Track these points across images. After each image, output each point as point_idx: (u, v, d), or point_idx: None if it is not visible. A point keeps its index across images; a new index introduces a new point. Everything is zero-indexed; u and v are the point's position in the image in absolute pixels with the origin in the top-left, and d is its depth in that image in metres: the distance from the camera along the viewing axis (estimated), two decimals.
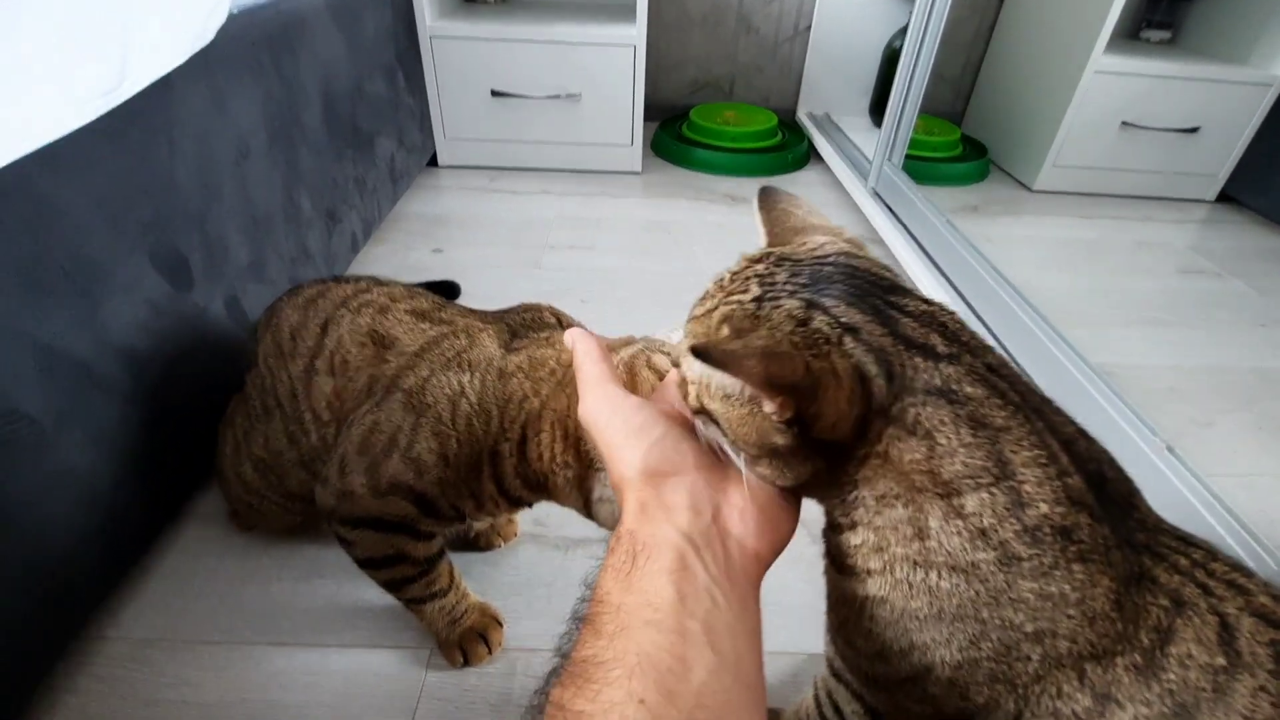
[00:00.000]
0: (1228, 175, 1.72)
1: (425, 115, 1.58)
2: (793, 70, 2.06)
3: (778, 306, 0.31)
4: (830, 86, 2.03)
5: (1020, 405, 0.30)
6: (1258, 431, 0.98)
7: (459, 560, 0.71)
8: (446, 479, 0.50)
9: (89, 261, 0.58)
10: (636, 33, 1.52)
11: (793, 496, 0.35)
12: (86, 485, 0.59)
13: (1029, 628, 0.29)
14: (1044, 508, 0.28)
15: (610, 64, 1.57)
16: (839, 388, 0.28)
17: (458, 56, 1.54)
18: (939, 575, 0.30)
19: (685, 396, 0.35)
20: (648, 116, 1.71)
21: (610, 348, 0.50)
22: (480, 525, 0.73)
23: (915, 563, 0.30)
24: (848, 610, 0.35)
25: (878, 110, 1.87)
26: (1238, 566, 0.31)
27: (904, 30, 1.45)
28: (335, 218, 1.10)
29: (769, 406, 0.29)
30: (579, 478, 0.48)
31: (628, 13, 1.55)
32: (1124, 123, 1.66)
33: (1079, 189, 1.76)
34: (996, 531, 0.28)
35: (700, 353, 0.28)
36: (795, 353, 0.29)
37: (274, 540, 0.73)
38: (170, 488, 0.74)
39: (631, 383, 0.47)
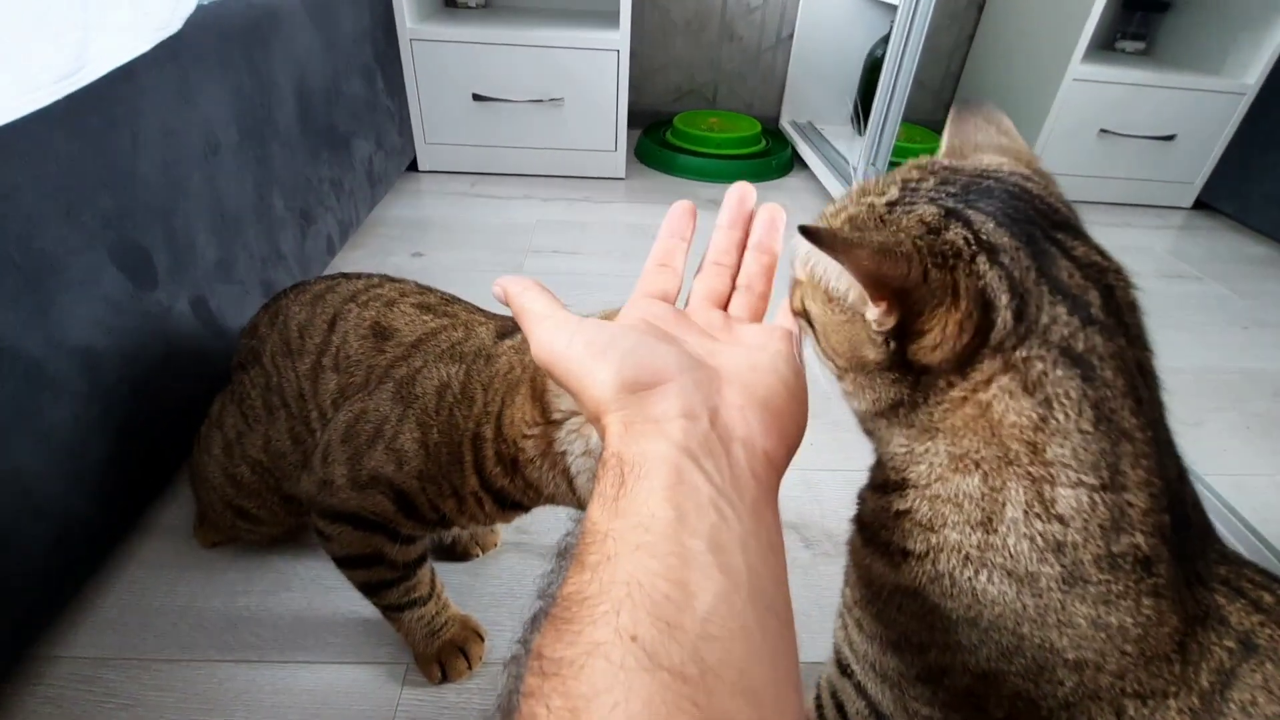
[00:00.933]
0: (1204, 182, 1.75)
1: (405, 118, 1.55)
2: (776, 78, 2.06)
3: (911, 211, 0.27)
4: (813, 94, 2.03)
5: (1152, 421, 0.26)
6: (1246, 431, 0.98)
7: (440, 570, 0.68)
8: (426, 471, 0.48)
9: (41, 254, 0.55)
10: (620, 38, 1.51)
11: (801, 391, 0.30)
12: (36, 493, 0.55)
13: (1070, 654, 0.26)
14: (1139, 538, 0.25)
15: (594, 69, 1.56)
16: (955, 307, 0.25)
17: (438, 60, 1.52)
18: (989, 578, 0.26)
19: (791, 300, 0.32)
20: (631, 123, 1.70)
21: None
22: (462, 533, 0.69)
23: (967, 557, 0.27)
24: (868, 590, 0.32)
25: (860, 118, 1.88)
26: None
27: (885, 39, 1.46)
28: (310, 219, 1.07)
29: (872, 312, 0.26)
30: (545, 441, 0.45)
31: (611, 18, 1.54)
32: (1102, 130, 1.68)
33: None
34: (1077, 550, 0.25)
35: (809, 233, 0.25)
36: (915, 255, 0.25)
37: (241, 552, 0.70)
38: (130, 496, 0.70)
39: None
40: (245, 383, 0.59)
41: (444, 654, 0.59)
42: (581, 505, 0.47)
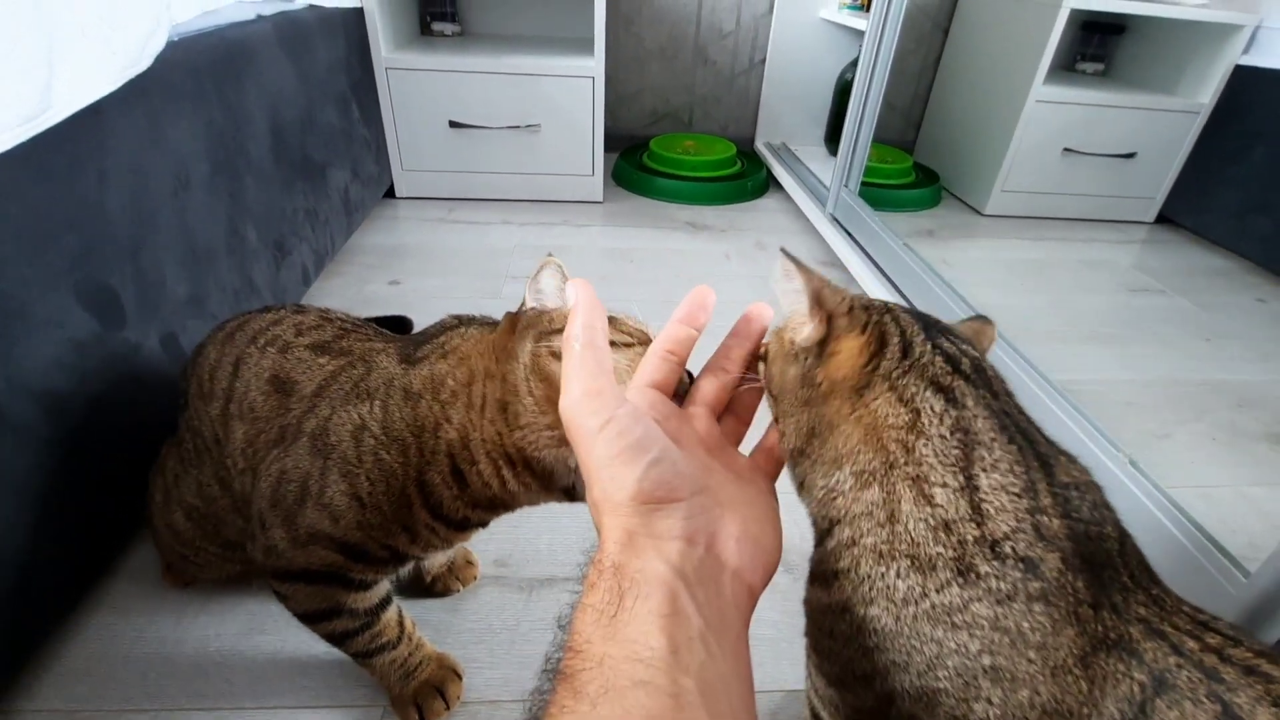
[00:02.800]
0: (1164, 197, 1.80)
1: (381, 146, 1.56)
2: (750, 101, 2.10)
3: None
4: (786, 116, 2.07)
5: (1018, 441, 0.30)
6: (1211, 442, 1.00)
7: (415, 607, 0.67)
8: (367, 521, 0.46)
9: (3, 296, 0.54)
10: (595, 64, 1.53)
11: (780, 529, 0.33)
12: None
13: (986, 660, 0.27)
14: (1004, 528, 0.28)
15: (569, 95, 1.57)
16: (859, 334, 0.33)
17: (414, 88, 1.52)
18: (898, 573, 0.29)
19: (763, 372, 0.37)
20: (608, 147, 1.72)
21: (501, 349, 0.45)
22: (437, 569, 0.69)
23: (880, 554, 0.30)
24: (814, 627, 0.34)
25: (833, 139, 1.92)
26: (1264, 651, 0.28)
27: (855, 63, 1.49)
28: (284, 249, 1.06)
29: (808, 328, 0.34)
30: (544, 486, 0.45)
31: (586, 45, 1.56)
32: (1065, 149, 1.73)
33: (1027, 212, 1.82)
34: (959, 527, 0.28)
35: (789, 254, 0.35)
36: (846, 298, 0.35)
37: (211, 594, 0.68)
38: (97, 541, 0.68)
39: (550, 387, 0.42)
40: (181, 425, 0.58)
41: (421, 695, 0.58)
42: (570, 500, 0.46)
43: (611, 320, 0.44)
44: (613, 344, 0.42)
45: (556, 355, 0.42)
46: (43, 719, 0.58)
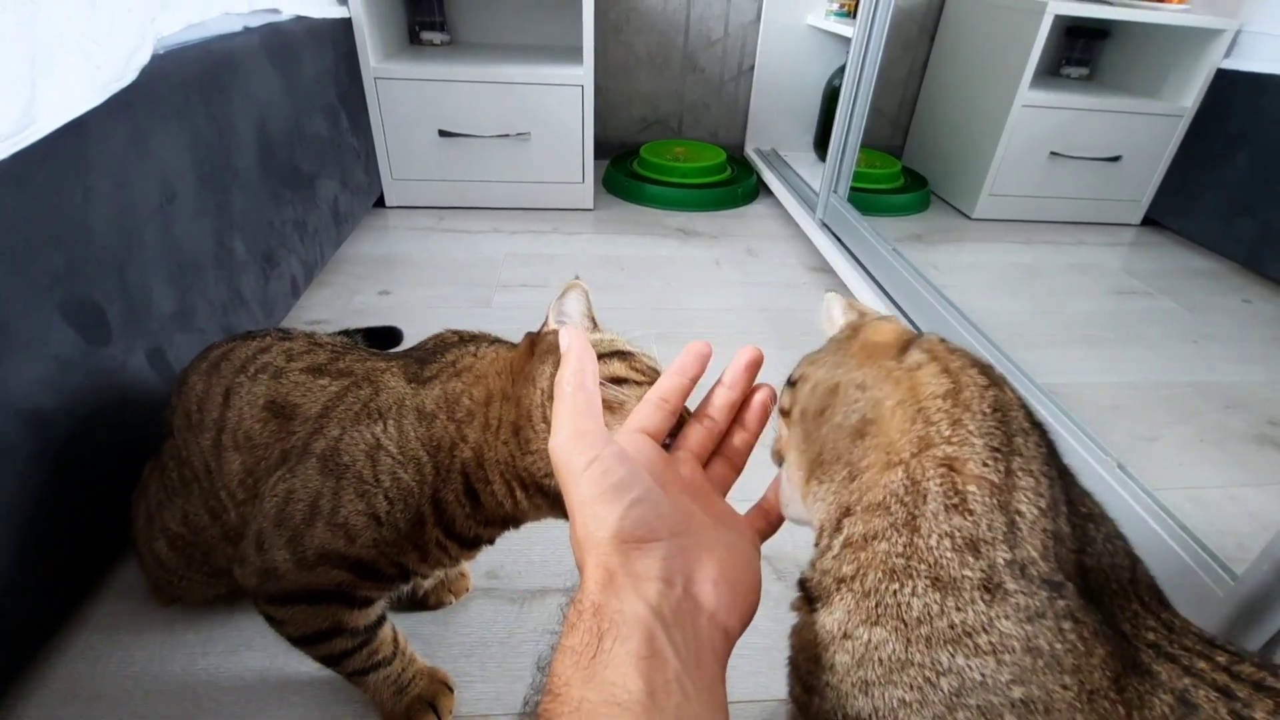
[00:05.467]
0: (1150, 200, 1.82)
1: (371, 156, 1.55)
2: (739, 108, 2.11)
3: None
4: (775, 123, 2.08)
5: (1050, 465, 0.29)
6: (1200, 443, 1.01)
7: (406, 620, 0.67)
8: (383, 538, 0.46)
9: None
10: (584, 73, 1.54)
11: (759, 577, 0.32)
12: None
13: (1017, 691, 0.25)
14: (1032, 551, 0.26)
15: (559, 103, 1.58)
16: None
17: (403, 97, 1.52)
18: (913, 592, 0.27)
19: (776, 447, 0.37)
20: (598, 154, 1.72)
21: (519, 372, 0.46)
22: (429, 583, 0.68)
23: (893, 570, 0.27)
24: (804, 658, 0.32)
25: (821, 145, 1.93)
26: (1267, 666, 0.28)
27: (842, 69, 1.50)
28: (273, 261, 1.06)
29: (841, 321, 0.36)
30: (552, 506, 0.45)
31: (575, 54, 1.56)
32: (1052, 153, 1.75)
33: (1015, 216, 1.83)
34: (989, 549, 0.26)
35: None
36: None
37: (199, 612, 0.67)
38: (83, 559, 0.67)
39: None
40: (165, 452, 0.57)
41: (413, 710, 0.57)
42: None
43: (627, 355, 0.45)
44: (625, 380, 0.43)
45: None
46: None
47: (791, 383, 0.37)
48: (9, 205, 0.56)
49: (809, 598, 0.33)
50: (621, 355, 0.45)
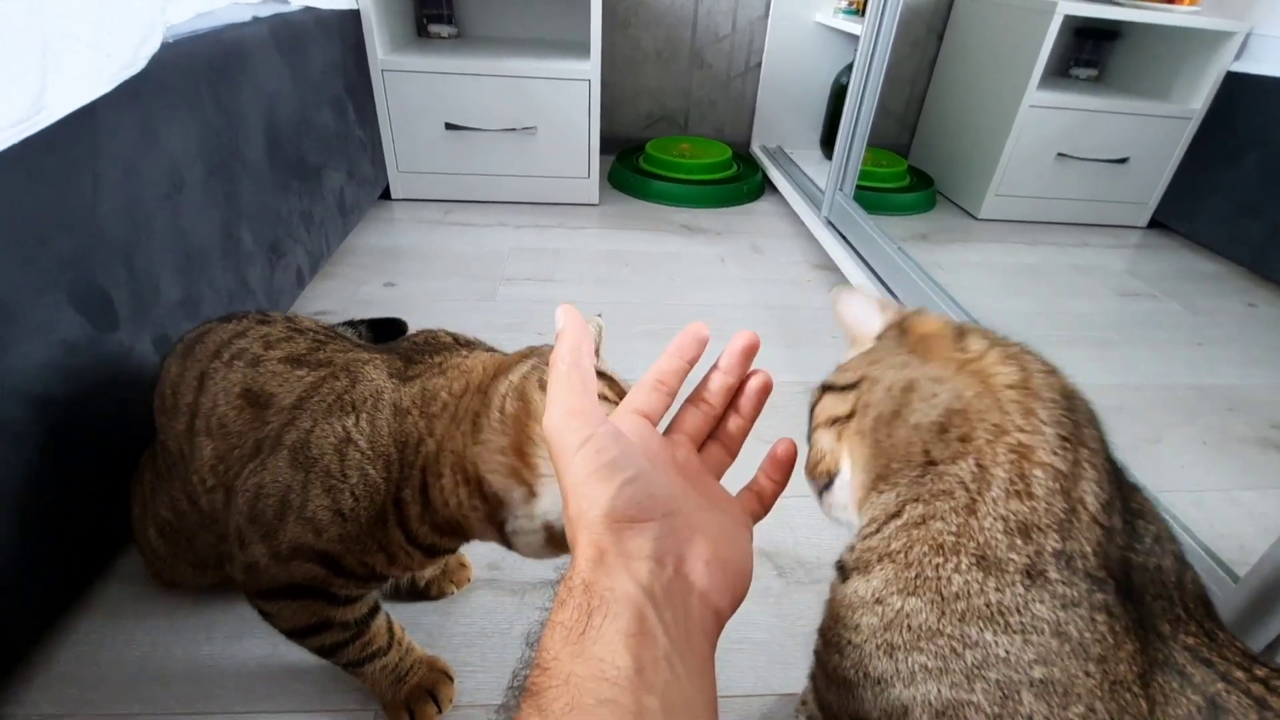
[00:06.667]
0: (1157, 202, 1.81)
1: (377, 148, 1.56)
2: (745, 104, 2.11)
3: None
4: (782, 120, 2.08)
5: (1108, 460, 0.30)
6: (1203, 446, 1.01)
7: (407, 610, 0.67)
8: (348, 534, 0.45)
9: None
10: (591, 68, 1.54)
11: (751, 559, 0.32)
12: None
13: (1037, 672, 0.26)
14: (1085, 545, 0.27)
15: (565, 98, 1.58)
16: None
17: (410, 90, 1.52)
18: (956, 567, 0.27)
19: (821, 462, 0.37)
20: (604, 149, 1.72)
21: (502, 367, 0.46)
22: (431, 572, 0.68)
23: (941, 545, 0.28)
24: (834, 623, 0.32)
25: (828, 143, 1.93)
26: None
27: (850, 67, 1.50)
28: (279, 251, 1.06)
29: (876, 323, 0.35)
30: (490, 516, 0.44)
31: (582, 48, 1.56)
32: (1059, 154, 1.74)
33: (1021, 217, 1.83)
34: (1040, 536, 0.27)
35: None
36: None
37: (202, 598, 0.68)
38: (87, 544, 0.68)
39: (524, 409, 0.42)
40: (155, 438, 0.57)
41: (412, 699, 0.58)
42: (507, 547, 0.45)
43: (607, 378, 0.44)
44: (605, 399, 0.42)
45: (544, 385, 0.42)
46: None
47: (836, 388, 0.37)
48: (19, 191, 0.56)
49: (845, 574, 0.33)
50: (602, 377, 0.45)
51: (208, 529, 0.54)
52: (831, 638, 0.33)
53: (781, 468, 0.37)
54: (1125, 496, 0.29)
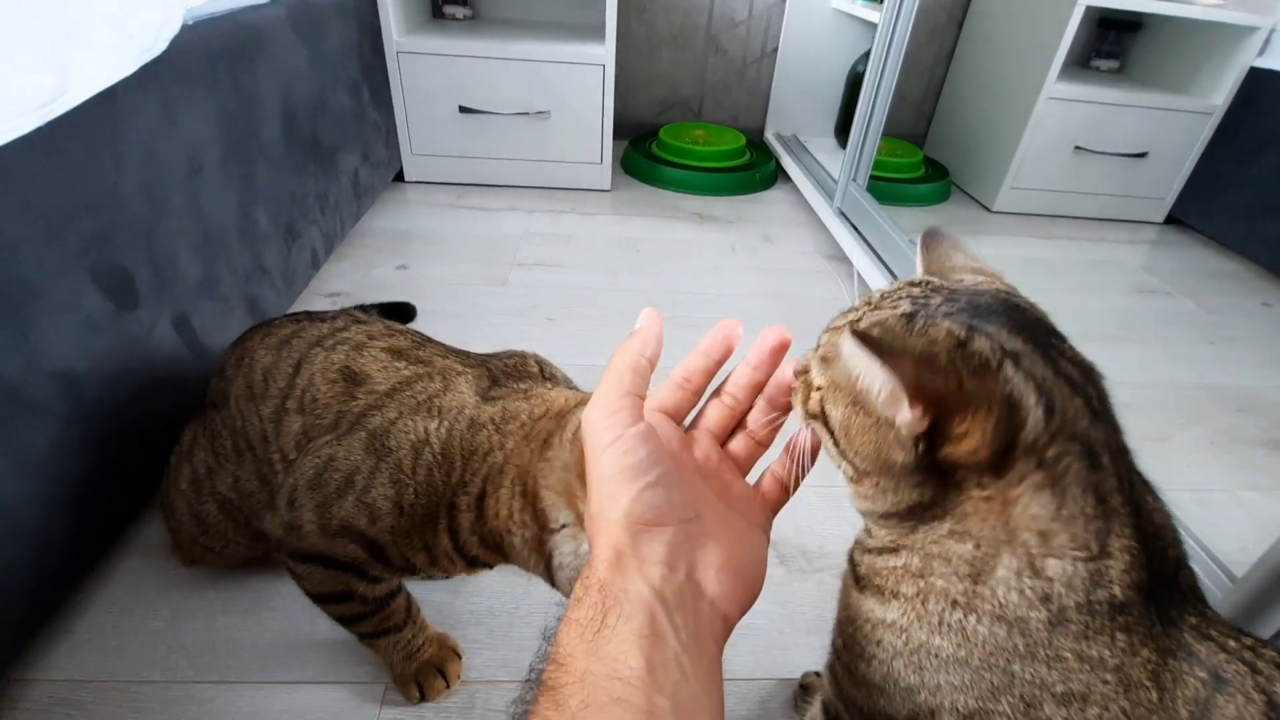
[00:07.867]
0: (1174, 198, 1.79)
1: (391, 130, 1.56)
2: (760, 91, 2.09)
3: (934, 324, 0.29)
4: (797, 108, 2.06)
5: (1131, 497, 0.29)
6: (1210, 446, 1.01)
7: (417, 588, 0.69)
8: (400, 527, 0.48)
9: (21, 279, 0.55)
10: (605, 52, 1.53)
11: (765, 565, 0.33)
12: (13, 515, 0.56)
13: (1059, 688, 0.28)
14: (1116, 590, 0.28)
15: (579, 82, 1.57)
16: (989, 413, 0.27)
17: (425, 72, 1.52)
18: (978, 621, 0.29)
19: (805, 400, 0.33)
20: (617, 135, 1.72)
21: (583, 401, 0.46)
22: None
23: (955, 602, 0.29)
24: (854, 630, 0.34)
25: (843, 132, 1.91)
26: None
27: (867, 55, 1.48)
28: (294, 233, 1.07)
29: (905, 415, 0.27)
30: (536, 539, 0.45)
31: (597, 32, 1.55)
32: (1077, 147, 1.72)
33: (1036, 210, 1.81)
34: (1061, 598, 0.28)
35: (861, 335, 0.27)
36: (951, 366, 0.27)
37: (220, 573, 0.70)
38: (109, 516, 0.70)
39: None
40: (216, 421, 0.59)
41: (422, 674, 0.59)
42: (549, 581, 0.46)
43: None
44: None
45: None
46: (55, 689, 0.60)
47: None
48: (44, 172, 0.58)
49: (859, 582, 0.34)
50: None
51: (271, 507, 0.56)
52: (853, 643, 0.34)
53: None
54: (1140, 509, 0.30)
